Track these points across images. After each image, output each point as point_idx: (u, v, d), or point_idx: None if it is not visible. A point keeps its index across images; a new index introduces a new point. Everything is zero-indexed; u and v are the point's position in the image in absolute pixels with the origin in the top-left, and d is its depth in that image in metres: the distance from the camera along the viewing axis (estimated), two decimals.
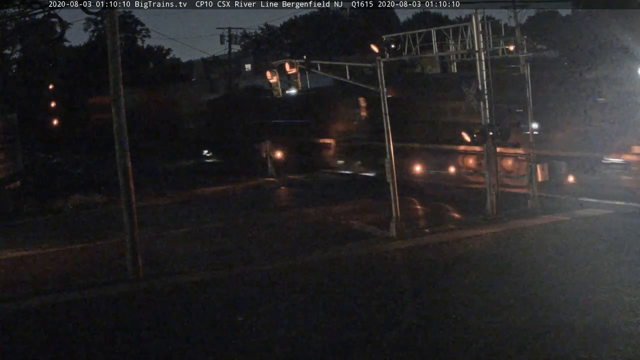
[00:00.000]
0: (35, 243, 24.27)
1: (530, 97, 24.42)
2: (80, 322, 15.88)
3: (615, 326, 13.34)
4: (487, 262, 18.34)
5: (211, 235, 24.20)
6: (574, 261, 17.71)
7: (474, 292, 16.07)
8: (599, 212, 23.23)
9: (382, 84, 22.19)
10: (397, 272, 18.84)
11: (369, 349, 13.24)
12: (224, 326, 14.96)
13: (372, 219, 24.33)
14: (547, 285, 16.08)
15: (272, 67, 24.01)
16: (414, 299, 16.12)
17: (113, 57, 18.92)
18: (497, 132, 22.82)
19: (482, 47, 23.09)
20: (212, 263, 20.07)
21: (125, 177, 19.05)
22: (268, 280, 18.21)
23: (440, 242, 20.86)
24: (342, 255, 20.14)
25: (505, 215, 23.08)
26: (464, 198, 27.37)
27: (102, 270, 20.03)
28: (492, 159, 23.76)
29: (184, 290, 17.78)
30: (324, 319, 15.01)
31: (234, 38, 64.60)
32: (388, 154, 22.01)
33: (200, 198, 32.70)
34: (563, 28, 48.48)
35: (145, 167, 38.49)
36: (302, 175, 37.95)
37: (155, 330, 14.98)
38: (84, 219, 28.88)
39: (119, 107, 18.97)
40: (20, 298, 17.57)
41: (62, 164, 53.49)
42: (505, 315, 14.42)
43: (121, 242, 20.18)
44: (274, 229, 24.63)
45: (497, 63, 26.33)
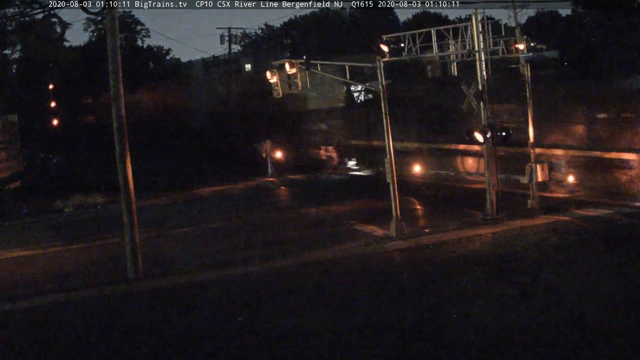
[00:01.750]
0: (35, 243, 24.28)
1: (530, 97, 24.43)
2: (80, 322, 15.88)
3: (615, 327, 13.35)
4: (487, 262, 18.34)
5: (211, 235, 24.21)
6: (573, 261, 17.72)
7: (474, 292, 16.08)
8: (599, 212, 23.23)
9: (382, 84, 22.20)
10: (397, 272, 18.83)
11: (369, 349, 13.24)
12: (224, 326, 14.97)
13: (372, 219, 24.32)
14: (547, 285, 16.10)
15: (272, 67, 23.98)
16: (414, 299, 16.13)
17: (113, 57, 18.93)
18: (496, 132, 22.81)
19: (482, 47, 23.09)
20: (212, 263, 20.06)
21: (125, 177, 19.06)
22: (268, 280, 18.21)
23: (440, 242, 20.86)
24: (342, 255, 20.14)
25: (505, 215, 23.07)
26: (463, 198, 27.38)
27: (102, 270, 20.03)
28: (492, 159, 23.74)
29: (184, 290, 17.78)
30: (323, 318, 15.01)
31: (234, 38, 64.71)
32: (388, 154, 22.02)
33: (200, 198, 32.70)
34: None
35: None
36: (302, 175, 37.95)
37: (155, 330, 14.98)
38: (84, 219, 28.88)
39: (119, 107, 18.97)
40: (20, 298, 17.57)
41: (62, 164, 53.49)
42: (505, 315, 14.44)
43: (121, 242, 20.19)
44: (273, 229, 24.63)
45: (497, 63, 26.29)
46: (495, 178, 23.59)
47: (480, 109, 23.19)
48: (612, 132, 26.81)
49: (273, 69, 23.34)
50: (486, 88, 23.13)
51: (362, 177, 36.45)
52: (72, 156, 57.15)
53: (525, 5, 37.65)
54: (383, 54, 22.31)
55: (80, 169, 47.46)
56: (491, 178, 23.29)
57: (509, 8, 36.19)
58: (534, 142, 24.58)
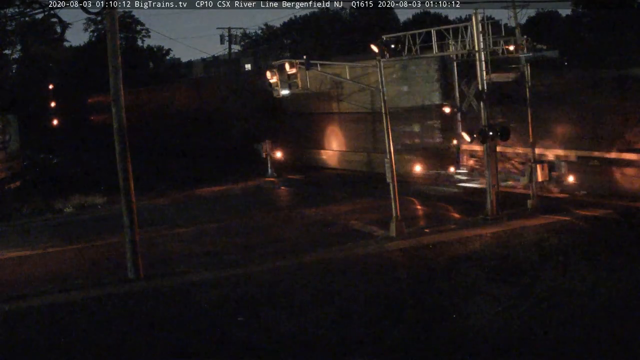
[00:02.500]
0: (35, 243, 24.28)
1: (529, 97, 24.44)
2: (80, 322, 15.88)
3: (615, 327, 13.36)
4: (487, 262, 18.34)
5: (211, 235, 24.21)
6: (573, 261, 17.72)
7: (474, 292, 16.09)
8: (599, 212, 23.23)
9: (382, 83, 22.20)
10: (397, 272, 18.83)
11: (369, 349, 13.25)
12: (224, 326, 14.97)
13: (372, 219, 24.32)
14: (547, 285, 16.10)
15: (272, 67, 23.99)
16: (414, 299, 16.13)
17: (113, 57, 18.93)
18: (497, 132, 22.83)
19: (482, 47, 23.09)
20: (212, 263, 20.06)
21: (125, 177, 19.06)
22: (268, 280, 18.21)
23: (440, 242, 20.86)
24: (342, 255, 20.13)
25: (505, 215, 23.07)
26: (463, 198, 27.37)
27: (102, 270, 20.03)
28: (492, 159, 23.75)
29: (184, 290, 17.78)
30: (324, 318, 15.02)
31: (234, 38, 64.71)
32: (388, 154, 22.01)
33: (201, 198, 32.69)
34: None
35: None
36: (301, 175, 37.93)
37: (156, 330, 14.98)
38: (84, 219, 28.88)
39: (119, 107, 18.97)
40: (20, 298, 17.56)
41: (62, 164, 53.49)
42: (505, 315, 14.44)
43: (121, 242, 20.19)
44: (273, 229, 24.62)
45: (498, 64, 26.26)
46: (495, 178, 23.59)
47: (481, 109, 23.22)
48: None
49: (273, 69, 23.34)
50: (486, 88, 23.14)
51: (363, 177, 35.74)
52: (72, 156, 57.16)
53: (525, 5, 37.70)
54: (383, 54, 22.33)
55: (80, 169, 47.47)
56: (491, 178, 23.29)
57: (509, 8, 36.21)
58: (533, 141, 24.60)
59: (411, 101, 34.52)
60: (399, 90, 34.32)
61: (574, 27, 50.15)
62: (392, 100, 26.97)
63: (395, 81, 33.96)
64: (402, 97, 34.37)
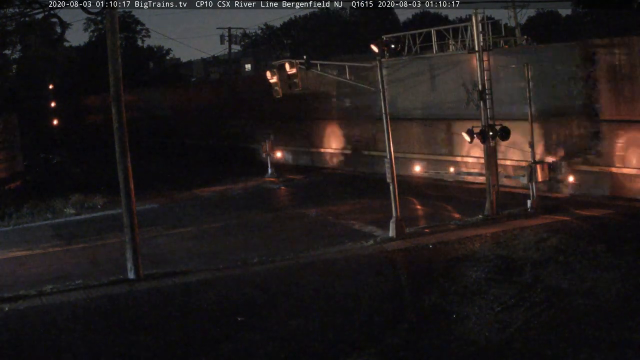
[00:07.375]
0: (35, 243, 24.29)
1: (530, 95, 24.43)
2: (80, 322, 15.89)
3: (615, 327, 13.36)
4: (487, 262, 18.34)
5: (211, 235, 24.22)
6: (573, 261, 17.71)
7: (474, 292, 16.09)
8: (599, 212, 23.22)
9: (382, 83, 22.20)
10: (397, 272, 18.83)
11: (369, 349, 13.25)
12: (224, 326, 14.97)
13: (372, 219, 24.33)
14: (547, 285, 16.11)
15: (272, 67, 24.01)
16: (414, 299, 16.14)
17: (113, 57, 18.93)
18: (496, 132, 22.84)
19: (482, 47, 23.10)
20: (212, 263, 20.06)
21: (125, 177, 19.07)
22: (268, 280, 18.22)
23: (440, 242, 20.86)
24: (342, 256, 20.14)
25: (505, 215, 23.07)
26: (464, 198, 27.35)
27: (102, 270, 20.03)
28: (492, 159, 23.75)
29: (184, 290, 17.79)
30: (323, 318, 15.03)
31: (234, 38, 64.75)
32: (388, 154, 22.02)
33: (201, 198, 32.68)
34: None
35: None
36: (301, 175, 37.91)
37: (155, 330, 14.99)
38: (84, 219, 28.87)
39: (119, 107, 18.99)
40: (20, 298, 17.56)
41: (62, 164, 53.48)
42: (504, 315, 14.45)
43: (121, 242, 20.18)
44: (273, 229, 24.63)
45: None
46: (495, 178, 23.60)
47: (481, 109, 23.22)
48: None
49: (273, 69, 23.36)
50: (486, 88, 23.15)
51: (363, 177, 35.68)
52: (72, 156, 57.16)
53: (525, 5, 37.74)
54: (382, 54, 22.33)
55: (80, 169, 47.48)
56: (491, 178, 23.29)
57: (509, 8, 36.26)
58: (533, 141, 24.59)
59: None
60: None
61: (574, 27, 50.24)
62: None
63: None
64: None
